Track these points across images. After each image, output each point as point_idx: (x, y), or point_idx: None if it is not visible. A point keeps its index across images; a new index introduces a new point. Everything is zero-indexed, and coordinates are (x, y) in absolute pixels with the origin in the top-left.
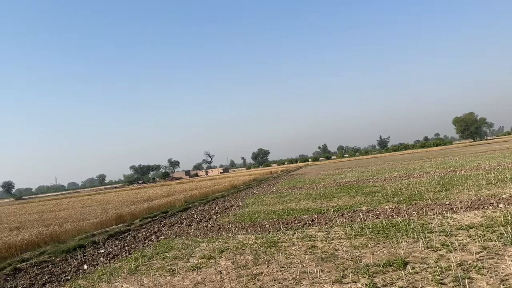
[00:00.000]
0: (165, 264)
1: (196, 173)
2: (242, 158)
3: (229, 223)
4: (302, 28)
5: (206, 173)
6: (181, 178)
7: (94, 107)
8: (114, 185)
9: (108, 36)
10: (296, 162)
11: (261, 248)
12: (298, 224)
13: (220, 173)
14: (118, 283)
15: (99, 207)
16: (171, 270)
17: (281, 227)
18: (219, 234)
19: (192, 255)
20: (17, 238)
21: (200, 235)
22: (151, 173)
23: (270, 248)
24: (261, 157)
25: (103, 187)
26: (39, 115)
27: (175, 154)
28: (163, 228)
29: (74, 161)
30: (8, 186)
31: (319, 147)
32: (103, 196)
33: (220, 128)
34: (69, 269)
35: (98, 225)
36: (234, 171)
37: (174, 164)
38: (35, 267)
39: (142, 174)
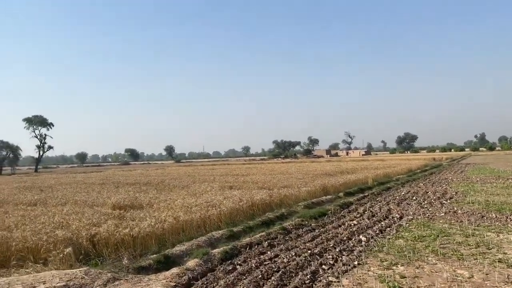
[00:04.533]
0: (472, 251)
1: (337, 153)
2: (383, 141)
3: (487, 212)
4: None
5: (347, 153)
6: (322, 156)
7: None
8: (261, 157)
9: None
10: (450, 150)
11: None
12: None
13: (362, 155)
14: (440, 265)
15: (286, 176)
16: (505, 261)
17: None
18: (497, 225)
19: (501, 246)
20: (257, 197)
21: (465, 221)
22: (291, 149)
23: None
24: (407, 142)
25: (247, 158)
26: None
27: (312, 132)
28: (391, 206)
29: (217, 132)
30: (170, 149)
31: (475, 136)
32: (267, 166)
33: (358, 109)
34: (344, 237)
35: (309, 194)
36: (376, 154)
37: (313, 142)
38: (300, 229)
39: (283, 149)
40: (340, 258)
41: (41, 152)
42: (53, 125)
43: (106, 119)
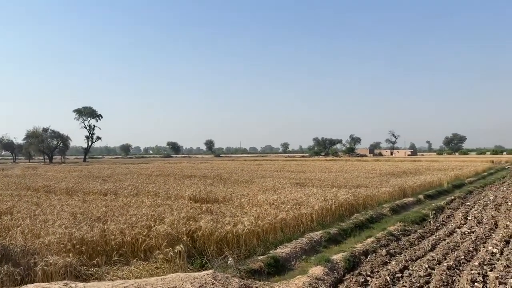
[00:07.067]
0: None
1: (380, 152)
2: (428, 142)
3: None
4: None
5: (391, 153)
6: (365, 155)
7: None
8: (301, 155)
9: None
10: (502, 152)
11: None
12: None
13: (408, 155)
14: None
15: (349, 175)
16: None
17: None
18: None
19: None
20: (342, 197)
21: None
22: (332, 147)
23: None
24: (454, 143)
25: (286, 154)
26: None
27: (351, 130)
28: (492, 213)
29: (255, 128)
30: (210, 144)
31: None
32: (315, 163)
33: (397, 108)
34: (469, 248)
35: (389, 196)
36: (422, 155)
37: (355, 140)
38: (408, 235)
39: (323, 147)
40: (490, 273)
41: (89, 143)
42: (101, 117)
43: (147, 113)
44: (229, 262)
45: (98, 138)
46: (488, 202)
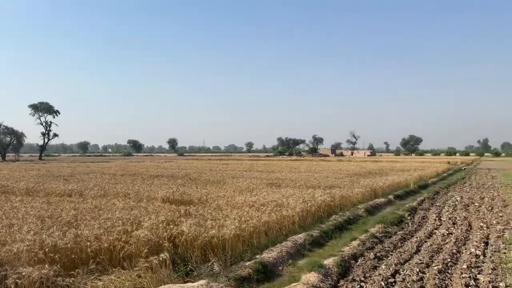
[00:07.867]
0: None
1: (341, 152)
2: (385, 143)
3: None
4: None
5: (352, 153)
6: (327, 155)
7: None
8: (266, 154)
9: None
10: (455, 154)
11: None
12: None
13: (368, 155)
14: None
15: (320, 175)
16: None
17: None
18: None
19: None
20: (319, 198)
21: None
22: (296, 147)
23: None
24: (411, 145)
25: (251, 154)
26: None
27: (312, 130)
28: (463, 214)
29: (220, 128)
30: (173, 142)
31: (478, 141)
32: (282, 163)
33: (356, 109)
34: (453, 250)
35: (362, 197)
36: (381, 155)
37: (318, 140)
38: (389, 238)
39: (287, 147)
40: (479, 276)
41: (45, 140)
42: (59, 113)
43: (106, 110)
44: (214, 269)
45: (55, 135)
46: (456, 202)
